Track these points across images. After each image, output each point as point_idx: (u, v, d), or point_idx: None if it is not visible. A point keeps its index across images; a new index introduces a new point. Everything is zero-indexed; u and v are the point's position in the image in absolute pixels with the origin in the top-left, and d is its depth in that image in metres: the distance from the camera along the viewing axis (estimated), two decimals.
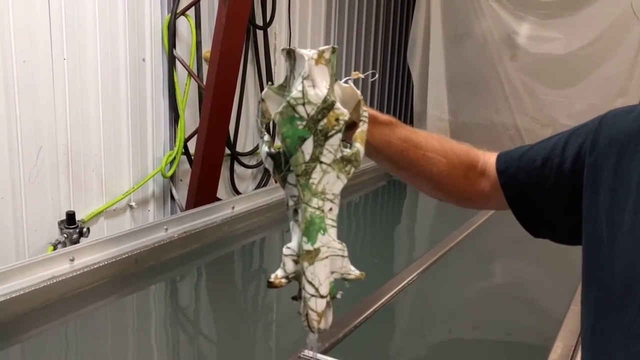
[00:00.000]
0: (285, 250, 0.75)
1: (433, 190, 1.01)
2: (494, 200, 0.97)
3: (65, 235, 2.12)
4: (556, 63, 3.48)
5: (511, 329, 1.60)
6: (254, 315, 1.55)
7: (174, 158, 2.53)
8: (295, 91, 0.75)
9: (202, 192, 2.46)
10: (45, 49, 2.02)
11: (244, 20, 2.41)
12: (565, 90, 3.48)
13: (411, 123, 4.32)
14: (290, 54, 0.79)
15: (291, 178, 0.76)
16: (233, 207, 1.89)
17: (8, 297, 1.22)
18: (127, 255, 1.47)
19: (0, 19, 1.87)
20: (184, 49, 2.57)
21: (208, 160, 2.42)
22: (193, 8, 2.54)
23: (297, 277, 0.73)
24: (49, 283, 1.29)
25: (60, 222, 2.13)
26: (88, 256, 1.39)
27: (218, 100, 2.36)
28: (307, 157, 0.74)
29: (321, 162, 0.74)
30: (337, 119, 0.75)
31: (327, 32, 3.69)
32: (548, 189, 0.89)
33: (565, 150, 0.88)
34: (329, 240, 0.73)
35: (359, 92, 0.85)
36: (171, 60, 2.50)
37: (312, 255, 0.71)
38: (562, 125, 3.48)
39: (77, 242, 2.12)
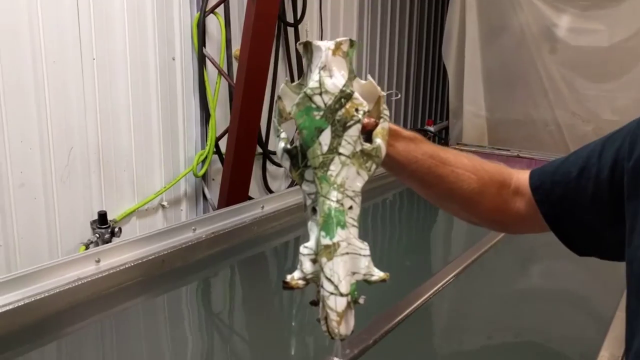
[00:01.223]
0: (302, 250, 0.70)
1: (463, 211, 0.94)
2: (531, 220, 0.90)
3: (97, 235, 2.11)
4: (599, 56, 3.35)
5: (554, 336, 1.52)
6: (281, 319, 1.50)
7: (206, 157, 2.51)
8: (312, 82, 0.71)
9: (234, 191, 2.43)
10: (75, 49, 2.02)
11: (273, 17, 2.37)
12: (608, 84, 3.34)
13: (447, 120, 4.23)
14: (307, 47, 0.75)
15: (309, 174, 0.72)
16: (263, 207, 1.85)
17: (32, 300, 1.20)
18: (154, 256, 1.44)
19: (29, 20, 1.88)
20: (214, 48, 2.55)
21: (239, 159, 2.39)
22: (222, 6, 2.52)
23: (315, 278, 0.68)
24: (74, 285, 1.27)
25: (93, 222, 2.13)
26: (114, 257, 1.37)
27: (248, 99, 2.33)
28: (325, 149, 0.70)
29: (340, 154, 0.70)
30: (356, 109, 0.71)
31: (359, 28, 3.63)
32: (587, 201, 0.82)
33: (601, 158, 0.81)
34: (350, 237, 0.68)
35: (379, 88, 0.80)
36: (201, 59, 2.48)
37: (331, 250, 0.66)
38: (605, 121, 3.36)
39: (109, 242, 2.11)
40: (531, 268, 1.95)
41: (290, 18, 2.87)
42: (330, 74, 0.72)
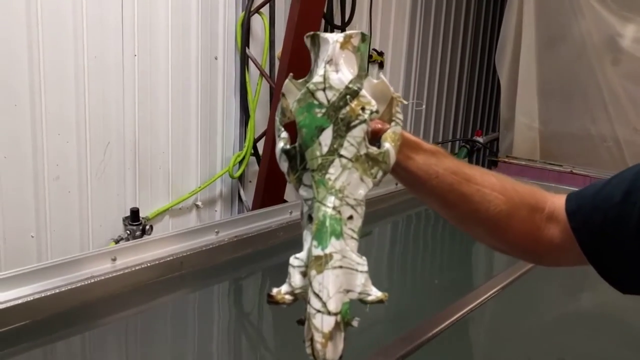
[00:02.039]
0: (292, 261, 0.63)
1: (489, 236, 0.84)
2: (567, 251, 0.80)
3: (129, 232, 2.12)
4: None
5: None
6: (299, 331, 1.44)
7: (243, 158, 2.50)
8: (316, 76, 0.65)
9: (269, 194, 2.41)
10: (117, 45, 2.03)
11: (317, 18, 2.32)
12: None
13: (497, 131, 4.08)
14: (315, 40, 0.69)
15: (307, 178, 0.65)
16: (291, 212, 1.79)
17: (42, 295, 1.18)
18: (171, 257, 1.41)
19: (73, 14, 1.89)
20: (258, 48, 2.54)
21: (276, 161, 2.33)
22: (268, 6, 2.49)
23: (304, 294, 0.61)
24: (86, 283, 1.25)
25: (125, 219, 2.14)
26: (131, 256, 1.34)
27: None
28: (325, 150, 0.63)
29: (341, 156, 0.64)
30: (362, 108, 0.64)
31: (410, 33, 3.54)
32: (633, 230, 0.73)
33: None
34: (345, 249, 0.61)
35: (392, 88, 0.73)
36: (243, 59, 2.47)
37: (322, 262, 0.59)
38: None
39: (140, 239, 2.11)
40: (577, 288, 1.81)
41: (338, 21, 2.81)
42: (336, 69, 0.65)
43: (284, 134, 0.69)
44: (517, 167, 3.26)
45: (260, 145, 2.51)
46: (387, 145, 0.69)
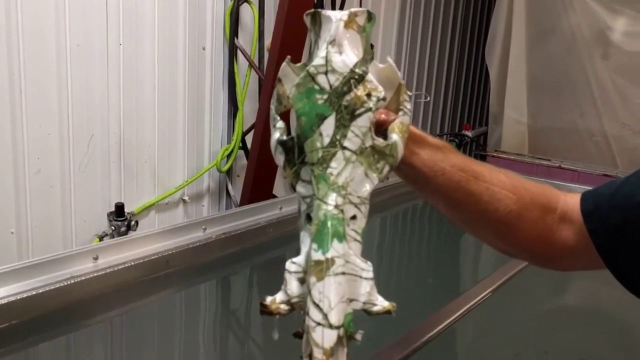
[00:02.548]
0: (289, 266, 0.56)
1: (498, 239, 0.78)
2: (581, 254, 0.74)
3: (113, 228, 2.05)
4: None
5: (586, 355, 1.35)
6: (291, 331, 1.37)
7: (231, 152, 2.42)
8: (318, 58, 0.58)
9: (258, 189, 2.34)
10: (101, 33, 1.94)
11: (308, 8, 2.23)
12: None
13: (486, 125, 4.04)
14: (315, 18, 0.62)
15: (305, 173, 0.58)
16: (281, 208, 1.72)
17: (18, 297, 1.10)
18: (157, 256, 1.33)
19: (55, 1, 1.79)
20: (247, 39, 2.45)
21: (264, 155, 2.28)
22: None
23: (302, 303, 0.55)
24: (66, 283, 1.16)
25: (109, 214, 2.06)
26: (114, 255, 1.26)
27: None
28: (326, 141, 0.57)
29: (344, 148, 0.57)
30: (368, 95, 0.57)
31: (400, 24, 3.47)
32: None
33: None
34: (349, 253, 0.54)
35: (400, 74, 0.65)
36: (232, 50, 2.38)
37: (323, 268, 0.52)
38: None
39: (125, 235, 2.04)
40: (567, 286, 1.77)
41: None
42: (339, 50, 0.58)
43: (280, 124, 0.62)
44: (506, 162, 3.22)
45: (249, 139, 2.44)
46: (395, 136, 0.62)
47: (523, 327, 1.52)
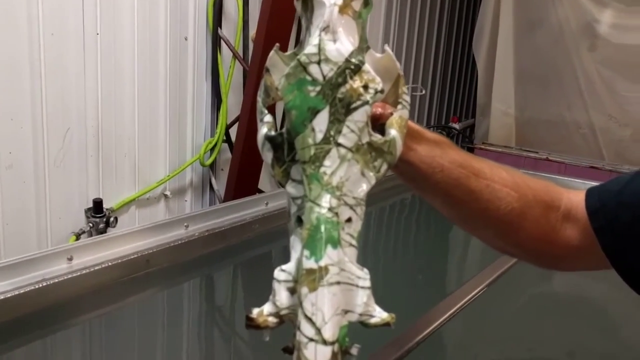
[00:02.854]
0: (277, 274, 0.52)
1: (499, 238, 0.74)
2: (587, 254, 0.71)
3: (91, 225, 1.97)
4: None
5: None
6: (280, 330, 1.30)
7: (215, 145, 2.36)
8: (310, 46, 0.52)
9: (242, 183, 2.27)
10: (77, 22, 1.85)
11: None
12: None
13: (473, 117, 4.01)
14: (307, 3, 0.56)
15: (296, 172, 0.54)
16: (267, 203, 1.65)
17: None
18: (136, 255, 1.25)
19: None
20: (231, 29, 2.38)
21: (249, 148, 2.21)
22: None
23: (292, 315, 0.50)
24: (39, 286, 1.08)
25: (87, 210, 1.99)
26: (90, 255, 1.19)
27: None
28: (319, 137, 0.52)
29: (339, 145, 0.52)
30: (365, 87, 0.52)
31: (387, 14, 3.41)
32: None
33: None
34: (344, 260, 0.50)
35: (398, 64, 0.60)
36: (215, 41, 2.31)
37: (316, 277, 0.48)
38: None
39: (103, 232, 1.97)
40: (556, 281, 1.72)
41: None
42: (333, 38, 0.53)
43: (268, 118, 0.57)
44: (493, 154, 3.20)
45: (233, 132, 2.37)
46: (394, 132, 0.57)
47: (514, 321, 1.48)
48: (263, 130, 0.56)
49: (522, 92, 3.56)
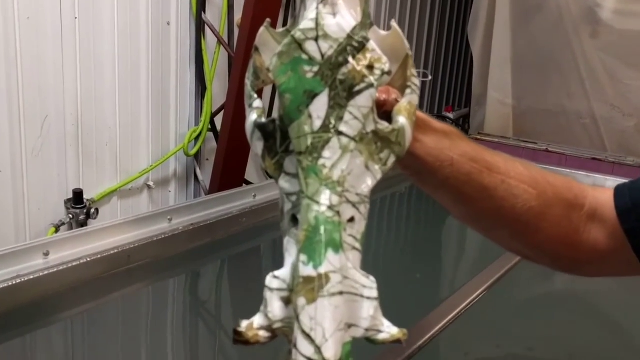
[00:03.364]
0: (270, 281, 0.47)
1: (515, 240, 0.71)
2: (614, 258, 0.69)
3: (71, 216, 1.97)
4: None
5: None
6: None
7: (199, 134, 2.35)
8: (306, 21, 0.49)
9: (228, 173, 2.27)
10: (54, 5, 1.83)
11: None
12: None
13: (468, 107, 3.99)
14: None
15: (290, 164, 0.50)
16: (255, 195, 1.64)
17: None
18: (116, 250, 1.24)
19: None
20: (215, 13, 2.37)
21: (235, 137, 2.20)
22: None
23: (287, 329, 0.46)
24: (12, 283, 1.07)
25: (67, 201, 1.98)
26: (67, 250, 1.17)
27: None
28: (318, 124, 0.48)
29: (340, 134, 0.48)
30: (370, 67, 0.49)
31: (378, 1, 3.38)
32: None
33: None
34: (347, 266, 0.46)
35: (407, 43, 0.57)
36: (199, 26, 2.30)
37: (315, 287, 0.44)
38: None
39: (84, 224, 1.96)
40: (559, 282, 1.72)
41: None
42: (333, 11, 0.49)
43: (258, 103, 0.54)
44: (490, 145, 3.14)
45: (219, 121, 2.36)
46: (402, 120, 0.54)
47: (521, 323, 1.46)
48: (252, 117, 0.52)
49: (520, 80, 3.52)
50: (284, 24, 2.60)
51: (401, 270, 1.64)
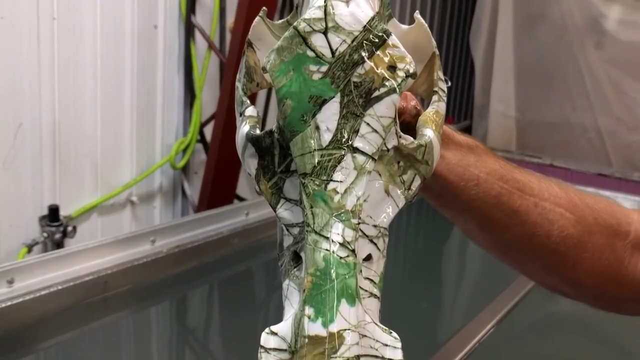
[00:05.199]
0: (265, 340, 0.38)
1: (550, 274, 0.62)
2: None
3: (46, 235, 1.87)
4: None
5: None
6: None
7: (187, 146, 2.26)
8: (312, 9, 0.40)
9: (219, 188, 2.18)
10: (30, 4, 1.74)
11: None
12: None
13: (470, 119, 3.95)
14: None
15: (291, 188, 0.42)
16: (247, 214, 1.54)
17: None
18: (92, 276, 1.13)
19: None
20: (206, 16, 2.28)
21: (226, 149, 2.14)
22: None
23: None
24: None
25: (42, 218, 1.88)
26: (35, 277, 1.06)
27: None
28: (327, 138, 0.39)
29: (355, 150, 0.40)
30: (391, 67, 0.40)
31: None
32: None
33: None
34: (364, 321, 0.38)
35: (433, 40, 0.50)
36: (188, 30, 2.21)
37: (325, 350, 0.35)
38: None
39: (60, 243, 1.86)
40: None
41: None
42: None
43: (251, 110, 0.46)
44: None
45: (209, 131, 2.27)
46: (430, 133, 0.46)
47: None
48: (244, 129, 0.44)
49: (523, 92, 3.52)
50: None
51: (405, 298, 1.53)
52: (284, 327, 0.38)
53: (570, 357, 1.35)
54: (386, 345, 0.38)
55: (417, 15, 0.50)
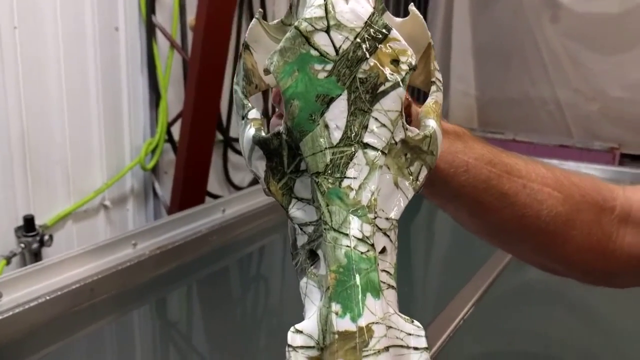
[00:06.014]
0: (292, 338, 0.39)
1: (540, 253, 0.64)
2: None
3: (23, 245, 1.85)
4: (608, 25, 3.13)
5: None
6: (249, 356, 1.22)
7: (156, 146, 2.25)
8: (311, 8, 0.41)
9: (190, 187, 2.19)
10: None
11: None
12: (619, 56, 3.14)
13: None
14: None
15: (302, 187, 0.43)
16: (224, 210, 1.56)
17: None
18: (78, 284, 1.14)
19: None
20: (166, 15, 2.28)
21: (195, 147, 2.13)
22: None
23: None
24: None
25: (17, 229, 1.86)
26: (21, 290, 1.07)
27: (205, 76, 2.06)
28: (337, 136, 0.40)
29: (365, 146, 0.41)
30: (395, 61, 0.42)
31: None
32: None
33: None
34: (389, 312, 0.39)
35: (428, 32, 0.51)
36: (150, 29, 2.21)
37: (356, 345, 0.36)
38: (613, 99, 3.14)
39: (37, 252, 1.85)
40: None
41: None
42: None
43: (254, 113, 0.45)
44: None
45: (176, 130, 2.27)
46: (433, 123, 0.47)
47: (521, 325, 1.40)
48: (250, 132, 0.44)
49: (482, 70, 3.56)
50: (238, 24, 2.51)
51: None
52: (309, 324, 0.39)
53: (546, 327, 1.41)
54: (410, 334, 0.40)
55: (411, 7, 0.51)
